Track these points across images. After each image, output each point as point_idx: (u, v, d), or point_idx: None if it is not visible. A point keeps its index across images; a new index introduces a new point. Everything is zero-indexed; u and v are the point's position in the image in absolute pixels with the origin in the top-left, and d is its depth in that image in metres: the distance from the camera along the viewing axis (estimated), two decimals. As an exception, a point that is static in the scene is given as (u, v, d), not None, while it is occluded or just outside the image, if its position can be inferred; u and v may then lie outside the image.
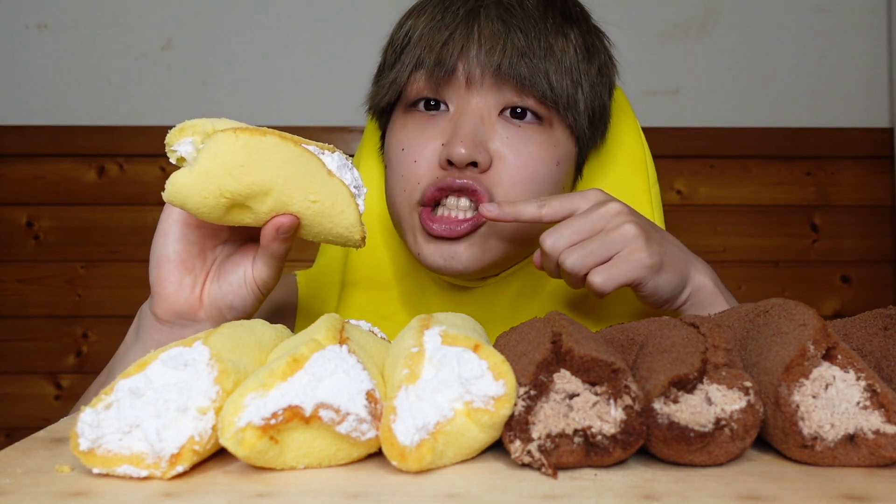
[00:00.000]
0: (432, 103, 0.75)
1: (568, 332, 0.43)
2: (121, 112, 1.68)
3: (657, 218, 0.86)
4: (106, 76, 1.68)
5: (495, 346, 0.49)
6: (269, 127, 0.56)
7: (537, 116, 0.74)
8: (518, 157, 0.72)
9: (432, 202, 0.72)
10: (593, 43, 0.78)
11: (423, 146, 0.73)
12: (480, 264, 0.73)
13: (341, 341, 0.43)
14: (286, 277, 0.91)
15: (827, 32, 1.70)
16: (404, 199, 0.74)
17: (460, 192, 0.71)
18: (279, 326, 0.52)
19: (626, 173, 0.86)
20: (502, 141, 0.72)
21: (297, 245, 1.48)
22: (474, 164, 0.71)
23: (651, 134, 0.93)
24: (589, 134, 0.78)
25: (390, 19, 0.81)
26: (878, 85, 1.71)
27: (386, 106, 0.79)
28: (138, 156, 1.66)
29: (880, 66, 1.71)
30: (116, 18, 1.69)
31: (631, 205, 0.80)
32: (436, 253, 0.72)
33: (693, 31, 1.71)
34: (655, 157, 0.91)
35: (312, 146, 0.57)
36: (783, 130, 1.69)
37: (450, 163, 0.71)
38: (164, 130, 0.57)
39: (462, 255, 0.72)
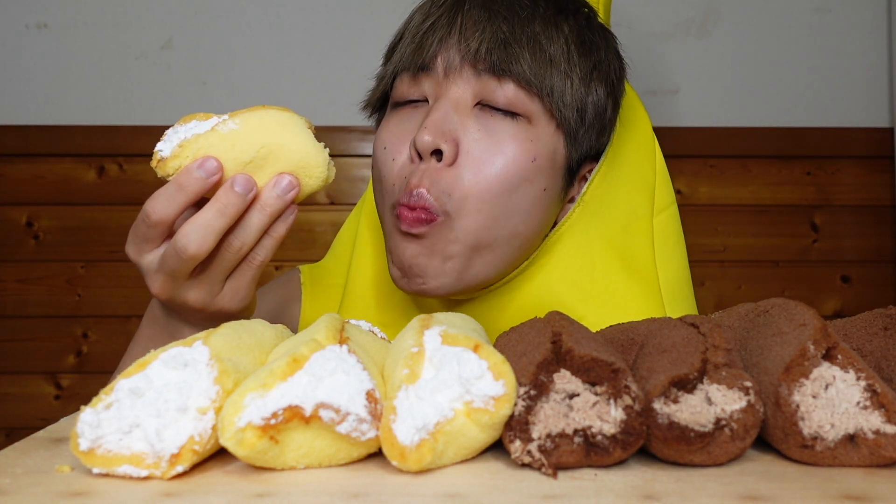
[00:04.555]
0: (415, 100, 0.72)
1: (568, 331, 0.43)
2: (121, 112, 1.68)
3: (657, 249, 0.80)
4: (106, 76, 1.68)
5: (495, 346, 0.49)
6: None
7: (514, 113, 0.69)
8: (486, 149, 0.68)
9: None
10: (591, 39, 0.73)
11: (401, 142, 0.70)
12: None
13: (341, 341, 0.43)
14: (290, 273, 0.91)
15: (827, 32, 1.70)
16: (384, 203, 0.71)
17: (413, 209, 0.67)
18: (279, 326, 0.52)
19: (630, 192, 0.80)
20: (473, 133, 0.68)
21: (296, 245, 1.48)
22: (441, 154, 0.67)
23: (651, 134, 0.93)
24: (583, 134, 0.73)
25: (391, 19, 0.81)
26: (878, 85, 1.71)
27: (377, 104, 0.78)
28: (138, 156, 1.66)
29: (880, 66, 1.71)
30: (116, 18, 1.69)
31: (628, 229, 0.78)
32: (401, 280, 0.71)
33: (693, 31, 1.71)
34: (656, 157, 0.89)
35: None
36: (783, 130, 1.69)
37: (419, 156, 0.68)
38: (164, 130, 0.57)
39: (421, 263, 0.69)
